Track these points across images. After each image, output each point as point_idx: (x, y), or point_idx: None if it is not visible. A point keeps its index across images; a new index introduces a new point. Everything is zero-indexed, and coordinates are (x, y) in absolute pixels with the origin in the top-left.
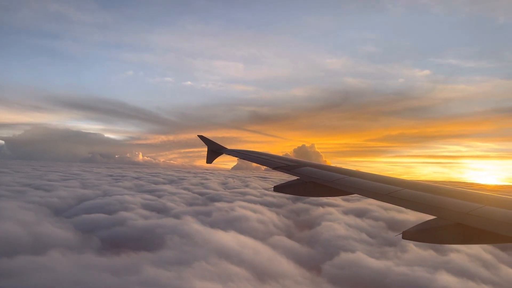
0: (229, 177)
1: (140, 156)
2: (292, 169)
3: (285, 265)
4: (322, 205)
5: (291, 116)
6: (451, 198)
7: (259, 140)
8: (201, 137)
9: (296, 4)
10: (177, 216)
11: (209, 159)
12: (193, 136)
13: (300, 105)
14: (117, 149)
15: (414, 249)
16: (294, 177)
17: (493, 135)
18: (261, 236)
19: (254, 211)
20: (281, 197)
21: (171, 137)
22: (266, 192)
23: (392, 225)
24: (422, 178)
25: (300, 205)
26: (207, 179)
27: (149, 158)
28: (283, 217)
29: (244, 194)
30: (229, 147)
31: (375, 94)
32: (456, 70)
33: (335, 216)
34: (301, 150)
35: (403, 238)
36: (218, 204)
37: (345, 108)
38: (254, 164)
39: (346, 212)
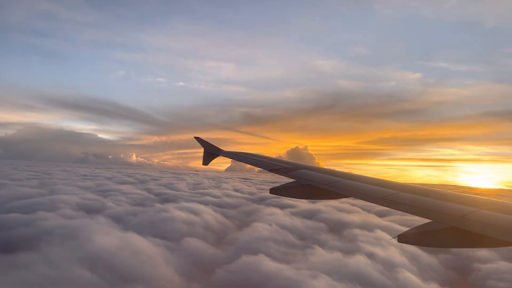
0: (209, 178)
1: (134, 157)
2: (288, 172)
3: (157, 268)
4: (282, 206)
5: (284, 117)
6: (446, 202)
7: (252, 141)
8: (198, 138)
9: (286, 5)
10: (93, 217)
11: (205, 161)
12: (186, 137)
13: (292, 107)
14: (110, 150)
15: (322, 253)
16: (290, 180)
17: (485, 139)
18: (171, 237)
19: (196, 212)
20: (242, 198)
21: (164, 138)
22: (231, 193)
23: (333, 227)
24: (417, 181)
25: (256, 206)
26: (182, 179)
27: (142, 159)
28: (227, 218)
29: (204, 195)
30: (222, 148)
31: (367, 97)
32: (447, 73)
33: (277, 217)
34: (294, 152)
35: (398, 241)
36: (160, 205)
37: (338, 110)
38: (248, 166)
39: (296, 213)
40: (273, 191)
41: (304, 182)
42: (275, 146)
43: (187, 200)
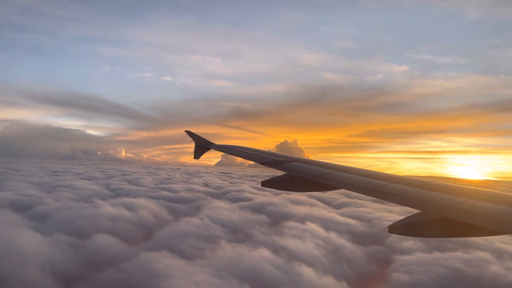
0: (187, 173)
1: (123, 153)
2: (280, 164)
3: (24, 269)
4: (237, 200)
5: (272, 111)
6: (436, 192)
7: (241, 136)
8: (189, 132)
9: None
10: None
11: (197, 155)
12: (175, 132)
13: (280, 101)
14: (99, 146)
15: (228, 248)
16: (282, 173)
17: (472, 130)
18: (82, 235)
19: (133, 207)
20: (203, 192)
21: (152, 133)
22: (196, 187)
23: (275, 220)
24: (406, 173)
25: (211, 200)
26: (155, 174)
27: (132, 155)
28: (170, 213)
29: (163, 190)
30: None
31: (354, 90)
32: (432, 65)
33: (218, 211)
34: (283, 146)
35: (389, 232)
36: (100, 201)
37: (325, 103)
38: (238, 160)
39: (245, 207)
40: (265, 184)
41: (295, 174)
42: (264, 140)
43: (138, 196)
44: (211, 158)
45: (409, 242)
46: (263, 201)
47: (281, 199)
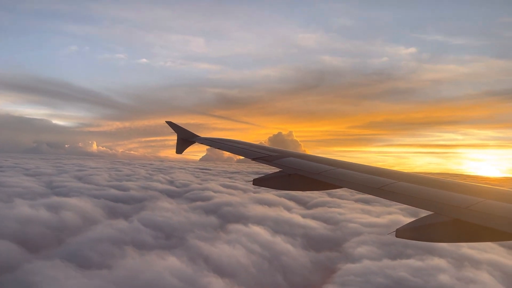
0: (155, 168)
1: (95, 146)
2: (274, 160)
3: None
4: (196, 199)
5: (263, 99)
6: (448, 192)
7: (228, 127)
8: (170, 123)
9: None
10: None
11: (179, 149)
12: (153, 122)
13: (273, 87)
14: (67, 138)
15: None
16: (276, 169)
17: (489, 121)
18: None
19: (60, 207)
20: (160, 191)
21: (127, 124)
22: (156, 185)
23: (227, 222)
24: (417, 169)
25: (164, 200)
26: (118, 170)
27: (104, 148)
28: (103, 215)
29: (112, 188)
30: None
31: (355, 75)
32: (444, 47)
33: (159, 212)
34: (277, 138)
35: (396, 236)
36: (21, 201)
37: (323, 90)
38: (226, 154)
39: (197, 208)
40: (257, 182)
41: (292, 171)
42: (255, 132)
43: (79, 194)
44: (195, 152)
45: (363, 248)
46: (222, 201)
47: (245, 199)
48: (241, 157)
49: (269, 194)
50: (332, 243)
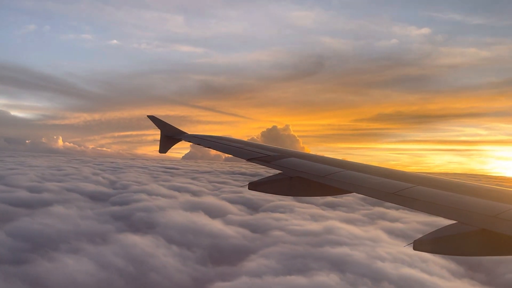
0: (110, 168)
1: (60, 142)
2: (273, 161)
3: None
4: (121, 203)
5: (255, 87)
6: (475, 198)
7: (214, 120)
8: (152, 118)
9: None
10: None
11: (163, 148)
12: (126, 114)
13: (265, 74)
14: (27, 132)
15: None
16: (275, 171)
17: None
18: None
19: None
20: (77, 193)
21: (96, 116)
22: (78, 185)
23: (122, 231)
24: (436, 170)
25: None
26: (60, 169)
27: (72, 144)
28: None
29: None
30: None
31: (360, 59)
32: (462, 28)
33: (38, 220)
34: (271, 133)
35: (414, 249)
36: None
37: (323, 77)
38: (213, 152)
39: (106, 213)
40: (253, 186)
41: (293, 174)
42: (246, 126)
43: None
44: (179, 149)
45: (264, 261)
46: (142, 206)
47: (175, 203)
48: (230, 155)
49: (212, 198)
50: (240, 255)
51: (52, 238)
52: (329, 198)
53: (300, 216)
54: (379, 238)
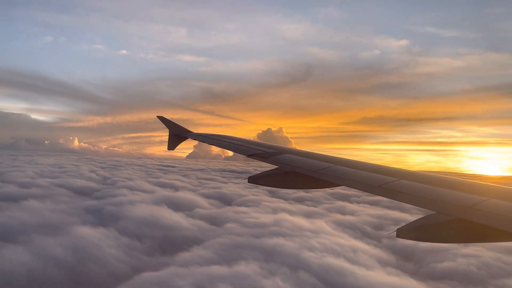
0: (108, 166)
1: (76, 142)
2: (270, 157)
3: None
4: (96, 199)
5: (251, 93)
6: (452, 190)
7: (215, 122)
8: (162, 118)
9: None
10: None
11: (171, 145)
12: (135, 117)
13: (260, 81)
14: (47, 134)
15: None
16: (272, 166)
17: (488, 117)
18: None
19: None
20: (65, 188)
21: (108, 119)
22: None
23: (95, 221)
24: (416, 168)
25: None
26: (62, 167)
27: (87, 145)
28: None
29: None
30: None
31: (346, 68)
32: (436, 40)
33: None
34: (266, 135)
35: (397, 236)
36: None
37: (312, 84)
38: (214, 152)
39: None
40: (252, 179)
41: (289, 168)
42: (243, 128)
43: None
44: (184, 149)
45: (201, 252)
46: (116, 201)
47: (148, 198)
48: (230, 154)
49: (189, 193)
50: (185, 246)
51: (13, 230)
52: (301, 193)
53: (263, 209)
54: (322, 230)
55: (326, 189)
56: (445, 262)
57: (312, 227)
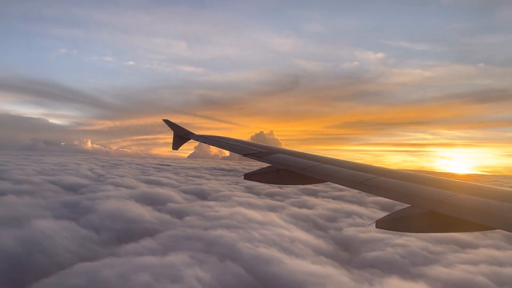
0: (106, 165)
1: (89, 144)
2: (264, 156)
3: None
4: (81, 194)
5: (244, 100)
6: (425, 186)
7: (212, 126)
8: (167, 121)
9: None
10: None
11: (176, 145)
12: (141, 121)
13: (253, 89)
14: (62, 136)
15: None
16: (266, 164)
17: (455, 122)
18: None
19: None
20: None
21: (117, 123)
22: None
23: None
24: (393, 167)
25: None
26: (64, 165)
27: (99, 146)
28: None
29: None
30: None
31: (328, 78)
32: (409, 53)
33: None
34: (259, 137)
35: (376, 227)
36: None
37: (299, 92)
38: (213, 152)
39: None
40: (248, 176)
41: (280, 166)
42: (238, 131)
43: None
44: (185, 150)
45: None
46: (95, 196)
47: (129, 194)
48: (226, 154)
49: (168, 189)
50: (139, 237)
51: None
52: (275, 188)
53: (229, 204)
54: (271, 222)
55: (299, 185)
56: (374, 252)
57: (263, 219)
